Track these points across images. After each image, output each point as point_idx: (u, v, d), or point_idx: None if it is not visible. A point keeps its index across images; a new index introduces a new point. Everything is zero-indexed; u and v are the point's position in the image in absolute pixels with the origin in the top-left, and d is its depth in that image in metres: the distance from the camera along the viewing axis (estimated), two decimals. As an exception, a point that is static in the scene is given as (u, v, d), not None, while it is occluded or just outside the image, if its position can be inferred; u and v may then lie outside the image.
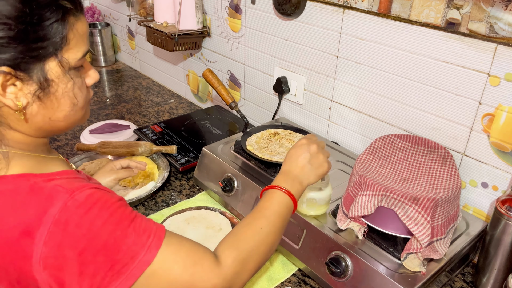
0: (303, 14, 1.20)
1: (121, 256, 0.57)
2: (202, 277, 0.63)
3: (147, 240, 0.60)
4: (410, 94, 1.03)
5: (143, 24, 1.63)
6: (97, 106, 1.75)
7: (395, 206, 0.79)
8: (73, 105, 0.63)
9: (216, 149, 1.18)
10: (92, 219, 0.56)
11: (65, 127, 0.66)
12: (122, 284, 0.57)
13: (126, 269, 0.57)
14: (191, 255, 0.63)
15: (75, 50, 0.60)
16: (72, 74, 0.61)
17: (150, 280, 0.59)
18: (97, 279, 0.56)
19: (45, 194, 0.57)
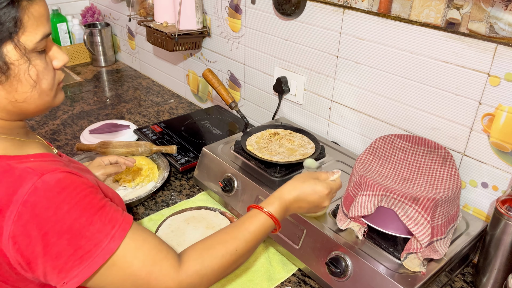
0: (303, 14, 1.20)
1: (85, 242, 0.59)
2: (158, 278, 0.63)
3: (112, 230, 0.61)
4: (410, 94, 1.03)
5: (143, 24, 1.63)
6: (97, 106, 1.75)
7: (395, 206, 0.79)
8: (32, 87, 0.63)
9: (216, 149, 1.18)
10: (59, 203, 0.58)
11: (34, 109, 0.66)
12: (84, 270, 0.59)
13: (89, 256, 0.59)
14: (152, 254, 0.64)
15: (33, 33, 0.60)
16: (32, 57, 0.62)
17: (109, 271, 0.61)
18: (60, 262, 0.58)
19: (15, 175, 0.59)
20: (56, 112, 1.69)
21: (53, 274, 0.59)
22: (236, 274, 0.95)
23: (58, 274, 0.59)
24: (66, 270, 0.59)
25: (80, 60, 2.21)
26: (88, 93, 1.88)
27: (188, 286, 0.66)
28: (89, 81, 2.01)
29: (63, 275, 0.59)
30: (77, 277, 0.59)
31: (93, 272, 0.60)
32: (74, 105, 1.75)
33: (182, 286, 0.65)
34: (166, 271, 0.64)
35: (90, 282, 0.62)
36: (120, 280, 0.63)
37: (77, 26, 2.17)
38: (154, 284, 0.64)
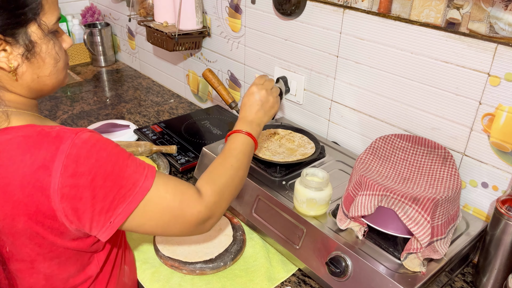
0: (303, 14, 1.20)
1: (125, 182, 0.67)
2: (189, 204, 0.74)
3: (144, 170, 0.70)
4: (410, 94, 1.03)
5: (143, 24, 1.63)
6: (97, 106, 1.75)
7: (395, 206, 0.79)
8: (56, 62, 0.72)
9: (216, 149, 1.18)
10: (98, 151, 0.65)
11: (51, 86, 0.74)
12: (127, 206, 0.67)
13: (130, 193, 0.67)
14: (178, 186, 0.74)
15: (50, 15, 0.69)
16: (51, 36, 0.70)
17: (147, 207, 0.69)
18: (107, 202, 0.65)
19: (53, 136, 0.65)
20: (56, 112, 1.69)
21: (101, 215, 0.66)
22: (236, 274, 0.95)
23: (105, 214, 0.66)
24: (113, 208, 0.66)
25: (80, 60, 2.21)
26: (88, 93, 1.88)
27: (212, 205, 0.77)
28: (89, 81, 2.01)
29: (110, 214, 0.66)
30: (121, 214, 0.67)
31: (134, 208, 0.67)
32: (74, 105, 1.75)
33: (208, 206, 0.76)
34: (193, 197, 0.75)
35: (131, 223, 0.69)
36: (158, 214, 0.71)
37: (77, 26, 2.18)
38: (187, 210, 0.73)
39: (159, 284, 0.92)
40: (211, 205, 0.77)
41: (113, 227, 0.67)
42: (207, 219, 0.77)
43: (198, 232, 0.78)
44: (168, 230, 0.74)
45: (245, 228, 1.07)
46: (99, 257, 0.79)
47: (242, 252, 1.00)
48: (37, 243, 0.68)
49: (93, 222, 0.66)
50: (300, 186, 0.92)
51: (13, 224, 0.66)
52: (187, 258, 0.96)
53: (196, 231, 0.77)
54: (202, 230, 0.78)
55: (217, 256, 0.96)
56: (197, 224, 0.76)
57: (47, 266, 0.72)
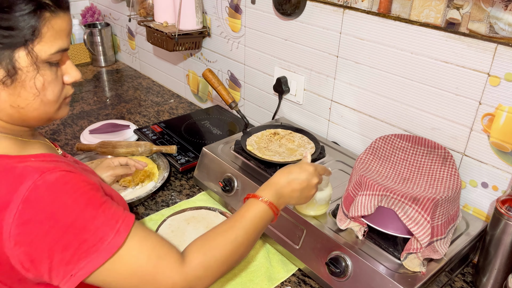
0: (303, 14, 1.20)
1: (90, 235, 0.59)
2: (164, 272, 0.64)
3: (116, 224, 0.61)
4: (410, 94, 1.03)
5: (143, 24, 1.63)
6: (97, 106, 1.75)
7: (395, 206, 0.79)
8: (35, 96, 0.63)
9: (216, 149, 1.18)
10: (61, 197, 0.58)
11: (34, 118, 0.66)
12: (91, 262, 0.59)
13: (95, 249, 0.59)
14: (157, 248, 0.64)
15: (49, 45, 0.61)
16: (44, 67, 0.62)
17: (115, 265, 0.61)
18: (67, 254, 0.58)
19: (16, 174, 0.59)
20: (56, 112, 1.69)
21: (60, 267, 0.59)
22: (236, 274, 0.95)
23: (66, 266, 0.59)
24: (74, 261, 0.59)
25: (80, 60, 2.21)
26: (88, 93, 1.88)
27: (194, 279, 0.66)
28: (89, 81, 2.01)
29: (70, 267, 0.59)
30: (84, 268, 0.59)
31: (100, 264, 0.60)
32: (74, 105, 1.75)
33: (188, 279, 0.65)
34: (171, 264, 0.65)
35: (96, 278, 0.61)
36: (126, 276, 0.62)
37: (77, 26, 2.18)
38: (160, 278, 0.63)
39: (159, 284, 0.92)
40: (192, 278, 0.66)
41: (75, 281, 0.59)
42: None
43: None
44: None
45: (245, 228, 1.07)
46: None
47: (242, 252, 1.00)
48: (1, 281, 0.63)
49: (52, 272, 0.59)
50: (300, 186, 0.92)
51: None
52: None
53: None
54: None
55: (217, 256, 0.96)
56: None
57: None
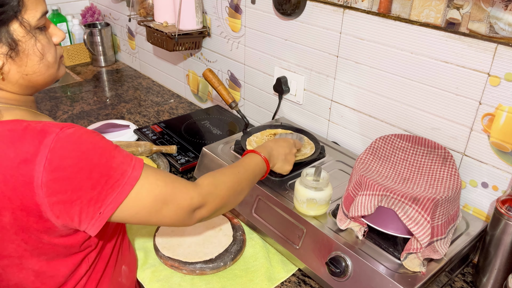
0: (303, 14, 1.20)
1: (113, 172, 0.66)
2: (182, 190, 0.74)
3: (131, 161, 0.69)
4: (410, 94, 1.03)
5: (143, 24, 1.63)
6: (97, 106, 1.75)
7: (395, 206, 0.79)
8: (40, 60, 0.71)
9: (216, 149, 1.18)
10: (82, 143, 0.65)
11: (43, 81, 0.74)
12: (117, 197, 0.66)
13: (119, 184, 0.66)
14: (169, 175, 0.75)
15: (33, 11, 0.67)
16: (36, 33, 0.69)
17: (139, 195, 0.68)
18: (95, 193, 0.65)
19: (37, 130, 0.64)
20: (56, 112, 1.69)
21: (89, 206, 0.65)
22: (236, 274, 0.95)
23: (94, 205, 0.65)
24: (102, 199, 0.65)
25: (80, 60, 2.21)
26: (88, 93, 1.88)
27: (206, 194, 0.78)
28: (89, 81, 2.01)
29: (99, 205, 0.65)
30: (111, 204, 0.66)
31: (124, 197, 0.67)
32: (74, 105, 1.75)
33: (202, 193, 0.77)
34: (186, 184, 0.76)
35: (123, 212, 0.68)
36: (150, 201, 0.70)
37: (77, 26, 2.17)
38: (179, 196, 0.73)
39: (159, 284, 0.92)
40: (205, 193, 0.77)
41: (103, 218, 0.66)
42: (199, 207, 0.77)
43: (187, 221, 0.77)
44: (161, 218, 0.73)
45: (245, 228, 1.07)
46: (90, 256, 0.78)
47: (242, 252, 1.00)
48: (23, 239, 0.68)
49: (82, 214, 0.65)
50: (300, 186, 0.92)
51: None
52: (187, 258, 0.96)
53: (186, 220, 0.76)
54: (191, 220, 0.77)
55: (217, 256, 0.96)
56: (189, 211, 0.75)
57: (35, 263, 0.72)
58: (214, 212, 0.81)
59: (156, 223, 0.75)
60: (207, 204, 0.78)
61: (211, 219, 0.97)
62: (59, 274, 0.75)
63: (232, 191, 0.83)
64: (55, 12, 2.12)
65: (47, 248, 0.71)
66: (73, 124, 0.67)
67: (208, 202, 0.78)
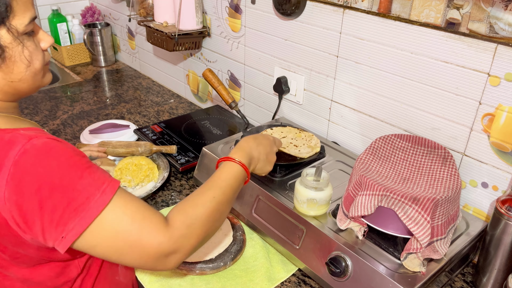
0: (303, 14, 1.20)
1: (77, 194, 0.61)
2: (150, 233, 0.65)
3: (102, 185, 0.63)
4: (410, 94, 1.03)
5: (143, 24, 1.63)
6: (97, 106, 1.75)
7: (395, 206, 0.79)
8: (27, 67, 0.68)
9: (216, 149, 1.18)
10: (49, 159, 0.61)
11: (27, 89, 0.72)
12: (80, 222, 0.61)
13: (82, 208, 0.61)
14: (141, 211, 0.66)
15: (21, 16, 0.65)
16: (24, 39, 0.67)
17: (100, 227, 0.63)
18: (56, 215, 0.61)
19: (5, 140, 0.62)
20: (56, 112, 1.69)
21: (51, 228, 0.61)
22: (236, 274, 0.95)
23: (56, 228, 0.61)
24: (63, 223, 0.61)
25: (80, 60, 2.21)
26: (88, 93, 1.88)
27: (179, 237, 0.67)
28: (89, 81, 2.01)
29: (60, 229, 0.61)
30: (73, 229, 0.61)
31: (88, 224, 0.61)
32: (74, 105, 1.75)
33: (173, 238, 0.66)
34: (155, 225, 0.66)
35: (82, 242, 0.63)
36: (111, 237, 0.63)
37: (77, 26, 2.17)
38: (145, 239, 0.64)
39: (159, 284, 0.92)
40: (177, 238, 0.67)
41: (66, 243, 0.62)
42: (171, 254, 0.67)
43: (161, 267, 0.67)
44: (122, 258, 0.65)
45: (245, 228, 1.07)
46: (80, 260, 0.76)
47: (242, 252, 1.00)
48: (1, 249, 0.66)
49: (45, 234, 0.62)
50: (300, 186, 0.92)
51: None
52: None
53: (158, 265, 0.67)
54: (165, 266, 0.68)
55: (217, 256, 0.96)
56: (157, 257, 0.66)
57: (17, 271, 0.70)
58: (192, 251, 0.71)
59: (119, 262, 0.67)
60: (181, 249, 0.68)
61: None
62: (45, 279, 0.73)
63: (209, 223, 0.72)
64: (55, 12, 2.12)
65: (26, 258, 0.69)
66: (47, 135, 0.64)
67: (182, 246, 0.68)
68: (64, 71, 2.11)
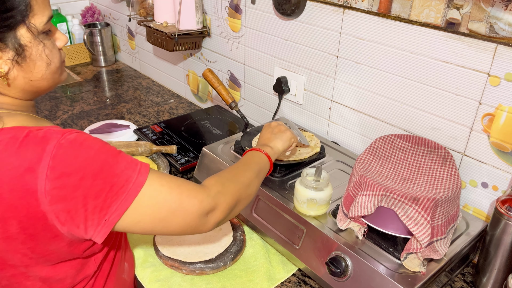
0: (303, 14, 1.20)
1: (117, 179, 0.65)
2: (189, 195, 0.71)
3: (136, 166, 0.67)
4: (410, 94, 1.03)
5: (143, 24, 1.63)
6: (97, 106, 1.75)
7: (395, 206, 0.79)
8: (48, 65, 0.70)
9: (216, 149, 1.18)
10: (85, 150, 0.64)
11: (47, 87, 0.74)
12: (122, 203, 0.65)
13: (123, 190, 0.65)
14: (174, 180, 0.72)
15: (40, 15, 0.66)
16: (42, 38, 0.68)
17: (143, 202, 0.67)
18: (100, 200, 0.64)
19: (39, 137, 0.63)
20: (56, 112, 1.69)
21: (94, 214, 0.64)
22: (236, 274, 0.95)
23: (99, 213, 0.64)
24: (107, 206, 0.64)
25: (80, 60, 2.21)
26: (88, 93, 1.88)
27: (216, 194, 0.74)
28: (89, 81, 2.01)
29: (104, 212, 0.64)
30: (116, 211, 0.65)
31: (130, 204, 0.65)
32: (74, 105, 1.75)
33: (210, 194, 0.73)
34: (192, 188, 0.72)
35: (127, 221, 0.67)
36: (154, 209, 0.68)
37: (77, 26, 2.18)
38: (186, 202, 0.70)
39: (159, 284, 0.92)
40: (214, 193, 0.74)
41: (108, 226, 0.65)
42: (211, 210, 0.73)
43: (201, 226, 0.73)
44: (168, 227, 0.70)
45: (245, 228, 1.07)
46: (97, 257, 0.78)
47: (242, 252, 1.00)
48: (30, 247, 0.67)
49: (87, 221, 0.64)
50: (300, 186, 0.92)
51: (6, 228, 0.65)
52: (187, 258, 0.96)
53: (199, 226, 0.72)
54: (205, 225, 0.73)
55: (217, 256, 0.96)
56: (199, 217, 0.71)
57: (41, 269, 0.71)
58: (229, 211, 0.77)
59: (165, 232, 0.72)
60: (219, 205, 0.74)
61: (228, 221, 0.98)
62: (66, 276, 0.75)
63: (239, 184, 0.80)
64: (55, 12, 2.12)
65: (53, 256, 0.70)
66: (75, 129, 0.66)
67: (219, 203, 0.74)
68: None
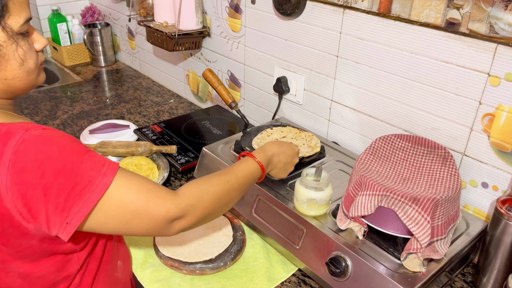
0: (303, 14, 1.20)
1: (80, 179, 0.63)
2: (156, 202, 0.69)
3: (102, 168, 0.66)
4: (410, 94, 1.03)
5: (143, 24, 1.63)
6: (97, 106, 1.75)
7: (395, 206, 0.79)
8: (20, 65, 0.70)
9: (216, 149, 1.18)
10: (49, 146, 0.62)
11: (22, 87, 0.73)
12: (84, 205, 0.63)
13: (86, 191, 0.63)
14: (145, 185, 0.70)
15: (17, 17, 0.67)
16: (18, 39, 0.68)
17: (107, 205, 0.66)
18: (61, 200, 0.62)
19: (3, 132, 0.63)
20: (56, 112, 1.69)
21: (56, 215, 0.62)
22: (236, 274, 0.95)
23: (60, 214, 0.62)
24: (68, 207, 0.62)
25: (80, 60, 2.21)
26: (88, 93, 1.88)
27: (186, 206, 0.72)
28: (89, 81, 2.01)
29: (66, 214, 0.62)
30: (78, 213, 0.63)
31: (92, 207, 0.64)
32: (74, 105, 1.75)
33: (180, 205, 0.71)
34: (162, 195, 0.70)
35: (91, 221, 0.66)
36: (119, 212, 0.67)
37: (77, 26, 2.17)
38: (153, 209, 0.69)
39: (159, 284, 0.92)
40: (184, 205, 0.72)
41: (71, 228, 0.63)
42: (177, 219, 0.72)
43: (164, 231, 0.72)
44: (132, 229, 0.70)
45: (245, 228, 1.07)
46: (79, 255, 0.77)
47: (242, 252, 1.00)
48: (2, 243, 0.66)
49: (49, 221, 0.63)
50: (300, 186, 0.92)
51: None
52: (187, 258, 0.96)
53: (162, 230, 0.72)
54: (169, 230, 0.72)
55: (217, 256, 0.96)
56: (164, 222, 0.70)
57: (19, 265, 0.70)
58: (197, 222, 0.76)
59: (130, 234, 0.72)
60: (186, 216, 0.73)
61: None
62: (47, 273, 0.74)
63: (217, 202, 0.78)
64: (55, 12, 2.12)
65: (28, 251, 0.69)
66: (43, 126, 0.65)
67: (188, 214, 0.73)
68: (64, 71, 2.11)
